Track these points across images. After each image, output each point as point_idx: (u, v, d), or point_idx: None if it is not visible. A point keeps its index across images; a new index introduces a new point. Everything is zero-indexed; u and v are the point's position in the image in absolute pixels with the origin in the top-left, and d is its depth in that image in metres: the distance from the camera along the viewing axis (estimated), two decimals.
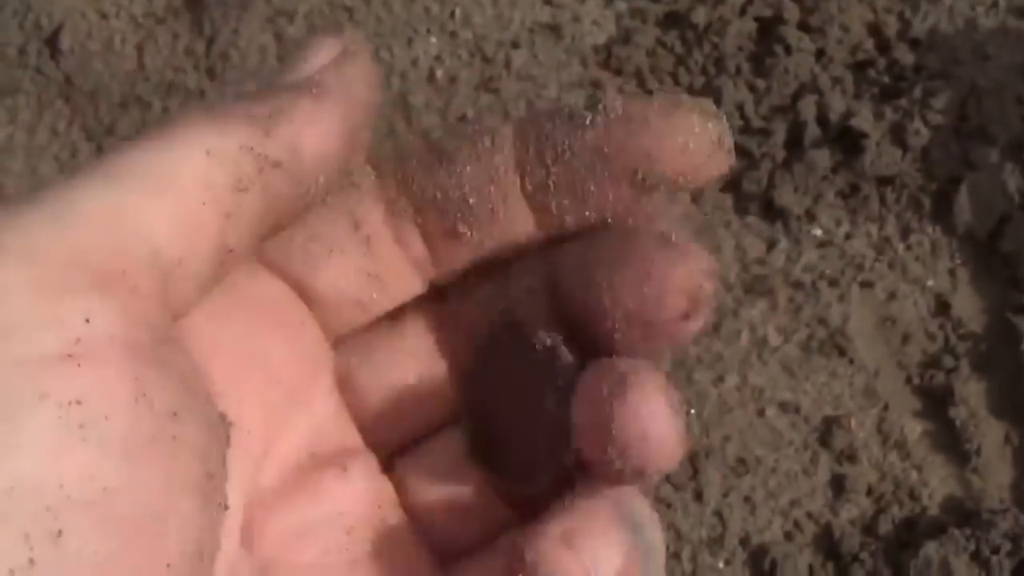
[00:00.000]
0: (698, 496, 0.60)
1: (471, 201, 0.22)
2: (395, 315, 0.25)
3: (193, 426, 0.19)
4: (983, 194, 0.52)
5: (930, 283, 0.55)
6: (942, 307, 0.56)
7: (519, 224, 0.23)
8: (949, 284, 0.57)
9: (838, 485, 0.62)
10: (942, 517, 0.60)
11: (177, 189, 0.19)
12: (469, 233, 0.23)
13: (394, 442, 0.25)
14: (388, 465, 0.24)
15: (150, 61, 0.67)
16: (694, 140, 0.20)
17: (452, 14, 0.58)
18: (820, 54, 0.56)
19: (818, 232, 0.55)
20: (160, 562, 0.18)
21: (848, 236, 0.56)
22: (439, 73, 0.59)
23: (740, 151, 0.57)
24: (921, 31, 0.55)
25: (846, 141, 0.56)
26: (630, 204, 0.21)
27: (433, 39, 0.57)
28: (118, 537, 0.17)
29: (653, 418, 0.19)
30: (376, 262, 0.24)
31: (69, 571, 0.17)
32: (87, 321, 0.17)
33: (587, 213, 0.22)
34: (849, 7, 0.54)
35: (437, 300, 0.24)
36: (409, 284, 0.24)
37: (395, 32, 0.57)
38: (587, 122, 0.21)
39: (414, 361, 0.24)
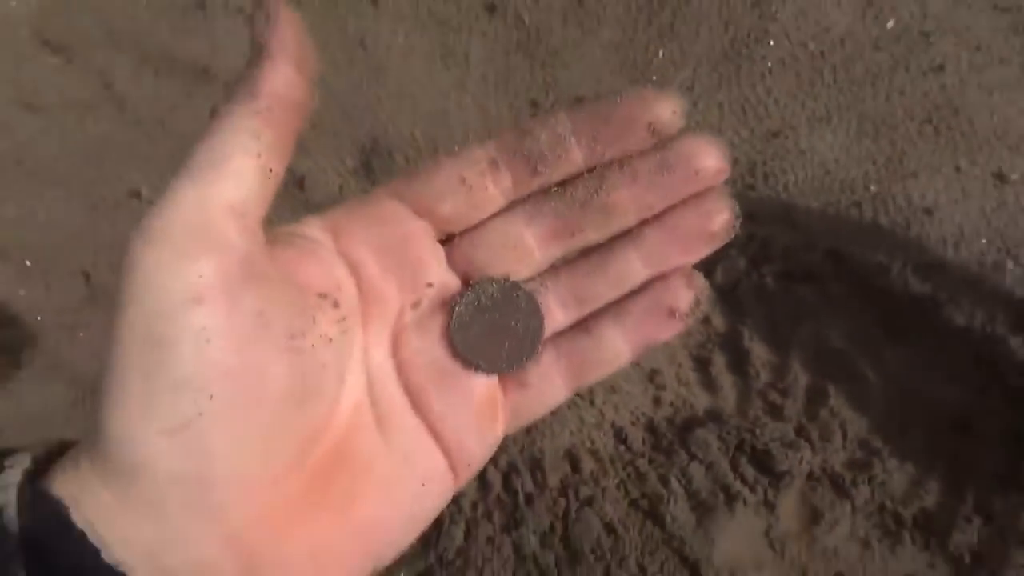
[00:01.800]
0: (591, 402, 0.81)
1: (545, 152, 0.27)
2: (485, 220, 0.29)
3: (276, 314, 0.24)
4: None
5: None
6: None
7: (573, 163, 0.28)
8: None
9: (656, 400, 0.82)
10: (704, 417, 0.81)
11: (229, 164, 0.23)
12: (543, 170, 0.27)
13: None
14: None
15: None
16: (673, 107, 0.27)
17: None
18: None
19: None
20: (268, 395, 0.24)
21: None
22: None
23: None
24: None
25: None
26: (647, 142, 0.27)
27: None
28: (238, 389, 0.23)
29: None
30: (471, 197, 0.28)
31: (221, 412, 0.23)
32: (201, 276, 0.22)
33: (621, 152, 0.27)
34: None
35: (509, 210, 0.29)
36: (493, 205, 0.29)
37: None
38: (617, 101, 0.27)
39: (498, 239, 0.29)
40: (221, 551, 0.23)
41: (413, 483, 0.27)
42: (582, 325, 0.29)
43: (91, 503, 0.23)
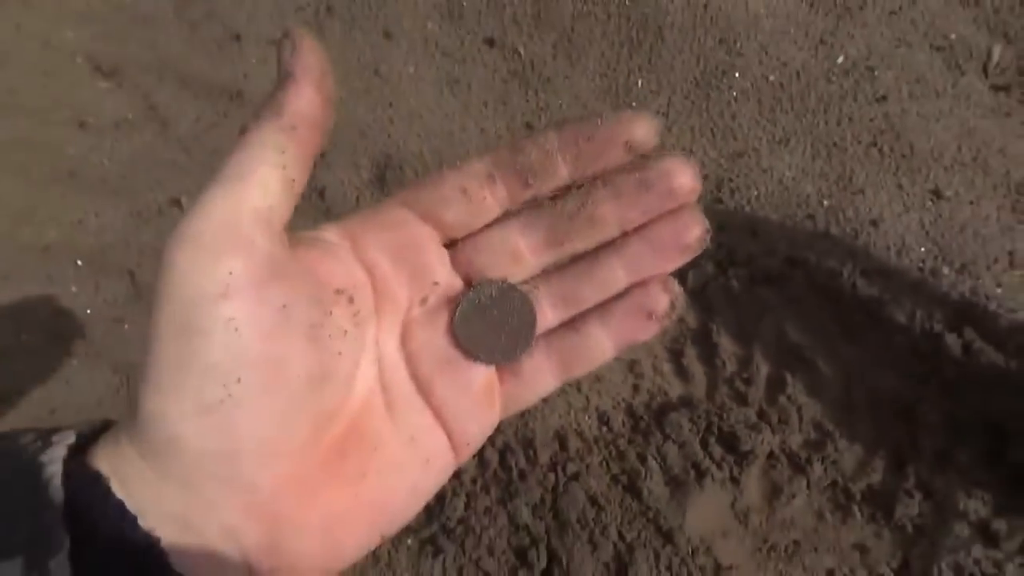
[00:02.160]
0: (578, 388, 0.81)
1: (536, 167, 0.27)
2: (483, 228, 0.29)
3: (297, 307, 0.23)
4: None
5: None
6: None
7: (560, 176, 0.27)
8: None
9: (635, 388, 0.82)
10: (677, 403, 0.81)
11: (256, 174, 0.23)
12: (534, 183, 0.27)
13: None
14: None
15: None
16: (649, 128, 0.26)
17: None
18: None
19: None
20: (289, 380, 0.23)
21: None
22: None
23: None
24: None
25: None
26: (626, 158, 0.27)
27: None
28: (262, 374, 0.23)
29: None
30: (471, 206, 0.28)
31: (247, 395, 0.22)
32: (230, 273, 0.22)
33: (603, 166, 0.27)
34: None
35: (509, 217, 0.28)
36: (491, 213, 0.28)
37: None
38: (599, 121, 0.26)
39: (496, 245, 0.28)
40: (245, 518, 0.23)
41: (418, 460, 0.27)
42: (570, 324, 0.28)
43: (129, 476, 0.22)
